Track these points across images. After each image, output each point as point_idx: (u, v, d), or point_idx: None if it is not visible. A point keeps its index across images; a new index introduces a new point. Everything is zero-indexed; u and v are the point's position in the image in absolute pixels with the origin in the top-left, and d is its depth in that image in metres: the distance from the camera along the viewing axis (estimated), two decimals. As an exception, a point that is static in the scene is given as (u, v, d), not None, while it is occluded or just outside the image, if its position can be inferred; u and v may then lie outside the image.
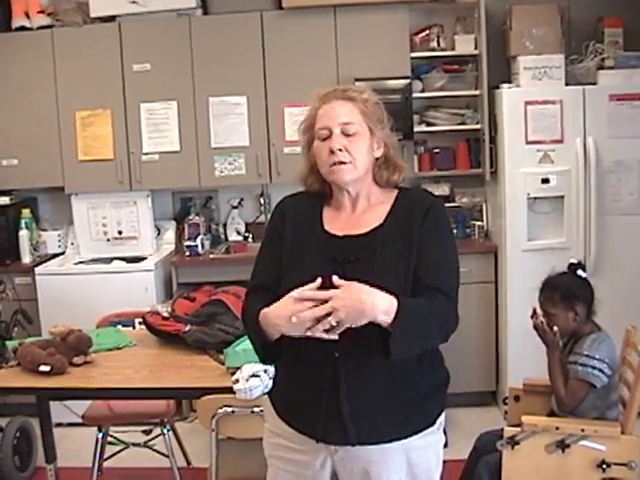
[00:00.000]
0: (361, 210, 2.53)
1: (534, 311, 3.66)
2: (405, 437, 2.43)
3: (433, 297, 2.35)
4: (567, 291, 3.58)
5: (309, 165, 2.58)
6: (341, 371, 2.37)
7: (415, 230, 2.41)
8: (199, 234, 5.79)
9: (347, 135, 2.44)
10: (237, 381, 3.26)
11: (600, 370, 3.42)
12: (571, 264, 3.70)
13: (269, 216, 2.52)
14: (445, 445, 2.61)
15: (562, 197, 5.18)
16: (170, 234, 6.11)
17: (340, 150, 2.42)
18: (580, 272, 3.66)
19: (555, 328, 3.54)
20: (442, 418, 2.54)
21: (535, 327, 3.63)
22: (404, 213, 2.47)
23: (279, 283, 2.49)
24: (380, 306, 2.23)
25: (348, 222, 2.52)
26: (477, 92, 5.66)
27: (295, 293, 2.29)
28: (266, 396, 2.71)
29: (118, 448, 4.71)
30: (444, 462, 2.58)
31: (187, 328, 3.95)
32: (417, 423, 2.46)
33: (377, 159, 2.52)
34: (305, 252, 2.49)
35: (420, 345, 2.38)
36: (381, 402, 2.40)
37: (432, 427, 2.49)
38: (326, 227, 2.53)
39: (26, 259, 5.82)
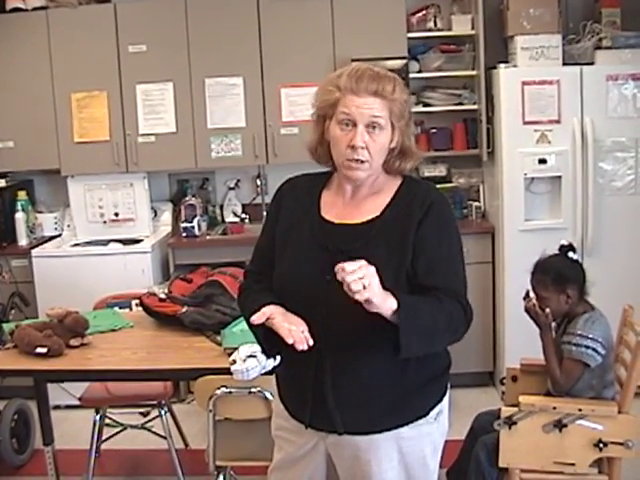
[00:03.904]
0: (361, 197, 2.48)
1: (527, 294, 3.65)
2: (395, 427, 2.41)
3: (438, 297, 2.31)
4: (558, 274, 3.56)
5: (319, 136, 2.48)
6: (326, 362, 2.36)
7: (412, 229, 2.36)
8: (196, 216, 5.79)
9: (370, 129, 2.34)
10: (234, 362, 3.26)
11: (594, 349, 3.42)
12: (562, 246, 3.68)
13: (267, 198, 2.53)
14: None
15: (559, 177, 5.17)
16: (167, 216, 6.10)
17: (362, 148, 2.34)
18: (571, 254, 3.64)
19: (547, 310, 3.53)
20: (440, 408, 2.50)
21: (527, 310, 3.63)
22: (403, 208, 2.41)
23: (273, 268, 2.51)
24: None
25: (345, 208, 2.48)
26: (474, 72, 5.64)
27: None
28: (273, 375, 2.72)
29: (116, 430, 4.71)
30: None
31: (184, 309, 3.95)
32: (408, 414, 2.43)
33: (392, 150, 2.43)
34: (298, 238, 2.48)
35: (430, 340, 2.32)
36: (367, 393, 2.39)
37: (425, 417, 2.45)
38: (322, 212, 2.50)
39: (22, 241, 5.81)
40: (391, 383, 2.38)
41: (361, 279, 2.07)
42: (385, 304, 2.14)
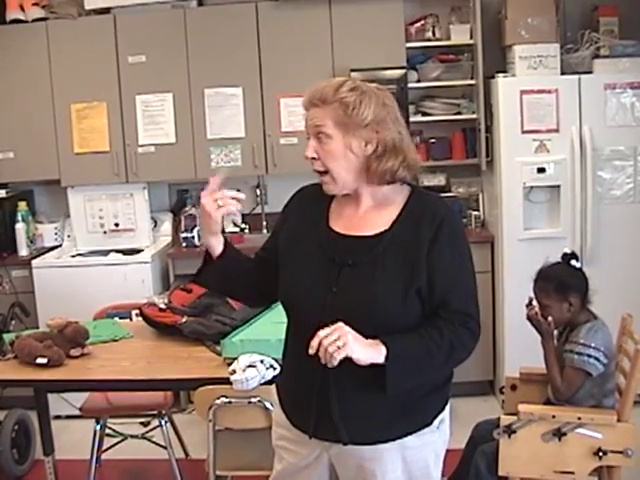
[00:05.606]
0: (366, 208, 2.46)
1: (530, 301, 3.65)
2: (399, 437, 2.41)
3: (440, 330, 2.35)
4: (560, 282, 3.56)
5: None
6: (330, 375, 2.35)
7: (423, 246, 2.33)
8: (196, 225, 5.79)
9: (320, 139, 2.38)
10: (234, 372, 3.27)
11: (596, 358, 3.42)
12: (565, 254, 3.68)
13: (267, 207, 2.54)
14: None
15: (558, 186, 5.18)
16: (167, 226, 6.11)
17: (314, 158, 2.39)
18: (574, 262, 3.64)
19: (549, 318, 3.53)
20: (442, 417, 2.51)
21: (529, 318, 3.63)
22: (412, 223, 2.38)
23: (275, 254, 2.57)
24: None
25: (352, 220, 2.47)
26: (473, 82, 5.66)
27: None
28: (274, 385, 2.72)
29: (116, 440, 4.71)
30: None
31: (184, 319, 3.95)
32: (412, 424, 2.43)
33: (370, 156, 2.37)
34: (305, 247, 2.48)
35: (421, 378, 2.38)
36: (372, 405, 2.38)
37: (429, 427, 2.46)
38: (331, 223, 2.49)
39: (23, 252, 5.81)
40: (395, 396, 2.36)
41: (336, 340, 2.16)
42: (368, 356, 2.22)
